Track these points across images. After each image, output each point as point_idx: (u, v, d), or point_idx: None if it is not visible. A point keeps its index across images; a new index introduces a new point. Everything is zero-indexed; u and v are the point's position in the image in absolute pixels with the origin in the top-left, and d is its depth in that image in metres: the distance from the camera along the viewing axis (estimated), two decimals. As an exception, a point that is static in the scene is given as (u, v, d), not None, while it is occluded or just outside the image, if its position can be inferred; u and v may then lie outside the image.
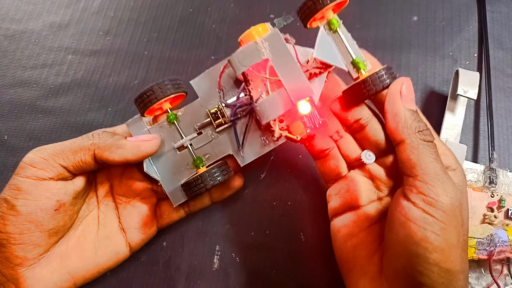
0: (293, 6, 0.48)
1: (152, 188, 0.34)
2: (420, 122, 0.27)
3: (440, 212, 0.24)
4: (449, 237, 0.24)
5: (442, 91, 0.44)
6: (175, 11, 0.47)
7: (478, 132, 0.42)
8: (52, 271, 0.30)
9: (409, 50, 0.46)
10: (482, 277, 0.35)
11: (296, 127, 0.29)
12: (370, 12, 0.48)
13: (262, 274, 0.36)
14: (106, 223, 0.33)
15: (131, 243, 0.33)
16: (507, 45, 0.46)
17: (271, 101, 0.28)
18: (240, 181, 0.35)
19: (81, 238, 0.32)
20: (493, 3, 0.48)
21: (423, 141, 0.27)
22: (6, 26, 0.45)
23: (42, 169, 0.29)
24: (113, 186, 0.34)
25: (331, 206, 0.33)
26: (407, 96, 0.28)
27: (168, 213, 0.34)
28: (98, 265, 0.32)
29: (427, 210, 0.25)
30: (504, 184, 0.38)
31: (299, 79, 0.27)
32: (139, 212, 0.33)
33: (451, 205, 0.25)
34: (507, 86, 0.44)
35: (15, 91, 0.43)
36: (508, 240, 0.33)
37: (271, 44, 0.28)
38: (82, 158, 0.30)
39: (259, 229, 0.38)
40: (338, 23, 0.30)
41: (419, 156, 0.26)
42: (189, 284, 0.36)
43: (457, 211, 0.25)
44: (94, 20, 0.46)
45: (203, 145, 0.33)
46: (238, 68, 0.29)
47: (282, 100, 0.28)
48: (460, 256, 0.25)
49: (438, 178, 0.25)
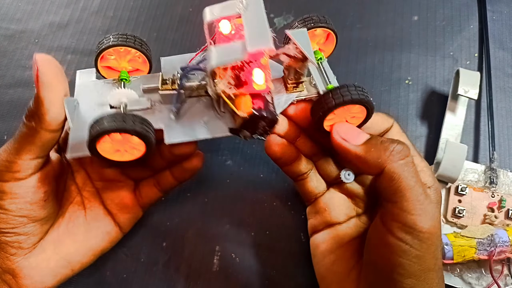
0: (293, 6, 0.48)
1: (123, 172, 0.34)
2: (385, 144, 0.26)
3: (416, 241, 0.24)
4: (424, 263, 0.24)
5: (443, 91, 0.44)
6: (174, 11, 0.47)
7: (479, 132, 0.42)
8: (48, 259, 0.30)
9: (409, 50, 0.46)
10: (483, 277, 0.35)
11: (242, 101, 0.26)
12: (370, 12, 0.48)
13: (262, 275, 0.36)
14: (91, 206, 0.33)
15: (120, 223, 0.33)
16: (507, 45, 0.46)
17: (224, 48, 0.26)
18: (197, 161, 0.32)
19: (70, 223, 0.32)
20: (493, 3, 0.48)
21: (398, 161, 0.25)
22: (6, 26, 0.45)
23: (18, 171, 0.28)
24: (89, 173, 0.34)
25: (310, 224, 0.34)
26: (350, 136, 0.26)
27: (146, 193, 0.34)
28: (91, 248, 0.32)
29: (402, 238, 0.24)
30: (505, 184, 0.38)
31: (262, 29, 0.25)
32: (118, 194, 0.33)
33: (428, 233, 0.24)
34: (507, 86, 0.44)
35: (15, 91, 0.43)
36: (509, 240, 0.33)
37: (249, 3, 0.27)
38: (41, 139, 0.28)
39: (259, 229, 0.38)
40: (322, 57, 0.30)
41: (400, 183, 0.24)
42: (189, 284, 0.35)
43: (434, 237, 0.24)
44: (94, 20, 0.46)
45: (139, 109, 0.29)
46: (210, 16, 0.27)
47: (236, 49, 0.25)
48: (437, 277, 0.25)
49: (418, 204, 0.24)
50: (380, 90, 0.44)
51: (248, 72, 0.26)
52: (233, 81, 0.26)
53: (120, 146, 0.27)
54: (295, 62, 0.28)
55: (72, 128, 0.28)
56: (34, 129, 0.27)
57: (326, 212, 0.32)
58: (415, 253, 0.24)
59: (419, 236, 0.24)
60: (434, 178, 0.28)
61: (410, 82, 0.44)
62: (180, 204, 0.38)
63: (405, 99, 0.43)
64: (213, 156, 0.40)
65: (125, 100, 0.29)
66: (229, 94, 0.26)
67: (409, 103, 0.43)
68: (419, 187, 0.25)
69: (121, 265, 0.36)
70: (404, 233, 0.24)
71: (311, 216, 0.34)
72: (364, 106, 0.27)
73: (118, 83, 0.30)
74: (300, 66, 0.28)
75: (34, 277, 0.30)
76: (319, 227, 0.33)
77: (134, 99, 0.29)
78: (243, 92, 0.26)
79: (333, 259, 0.31)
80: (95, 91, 0.30)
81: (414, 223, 0.24)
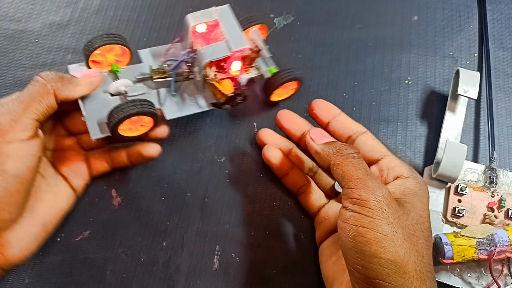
0: (293, 6, 0.48)
1: (78, 142, 0.37)
2: (335, 144, 0.31)
3: (366, 208, 0.27)
4: (380, 230, 0.26)
5: (443, 91, 0.44)
6: (175, 11, 0.47)
7: (479, 132, 0.42)
8: (29, 225, 0.32)
9: (409, 50, 0.46)
10: (482, 277, 0.35)
11: (226, 84, 0.35)
12: (370, 12, 0.48)
13: (262, 274, 0.36)
14: (49, 173, 0.35)
15: (74, 187, 0.36)
16: (507, 45, 0.46)
17: (214, 47, 0.34)
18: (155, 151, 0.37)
19: (37, 189, 0.33)
20: (493, 3, 0.48)
21: (342, 155, 0.29)
22: (6, 26, 0.45)
23: (22, 131, 0.29)
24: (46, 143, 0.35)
25: (317, 235, 0.37)
26: (316, 137, 0.32)
27: (95, 164, 0.37)
28: (59, 210, 0.34)
29: (354, 209, 0.27)
30: (505, 184, 0.38)
31: (239, 35, 0.35)
32: (72, 161, 0.36)
33: (374, 201, 0.27)
34: (507, 86, 0.44)
35: (15, 91, 0.42)
36: (509, 240, 0.33)
37: (222, 12, 0.36)
38: (48, 103, 0.30)
39: (259, 229, 0.38)
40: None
41: (342, 170, 0.29)
42: (189, 284, 0.35)
43: (383, 205, 0.27)
44: (94, 20, 0.46)
45: (136, 95, 0.35)
46: (193, 21, 0.35)
47: (223, 48, 0.34)
48: (401, 246, 0.26)
49: (360, 181, 0.28)
50: (380, 90, 0.44)
51: (229, 63, 0.35)
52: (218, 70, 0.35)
53: (133, 125, 0.34)
54: (253, 53, 0.38)
55: (87, 116, 0.34)
56: (48, 90, 0.30)
57: (327, 220, 0.36)
58: (367, 220, 0.26)
59: (366, 204, 0.27)
60: (412, 170, 0.31)
61: (410, 82, 0.44)
62: (180, 204, 0.38)
63: (405, 99, 0.43)
64: (212, 156, 0.40)
65: (124, 88, 0.35)
66: (217, 79, 0.35)
67: (409, 103, 0.43)
68: (360, 169, 0.28)
69: (121, 264, 0.36)
70: (355, 204, 0.27)
71: (317, 227, 0.37)
72: (297, 80, 0.39)
73: (111, 74, 0.36)
74: (254, 56, 0.38)
75: (21, 245, 0.31)
76: (323, 236, 0.36)
77: (131, 87, 0.35)
78: (226, 77, 0.35)
79: (334, 260, 0.33)
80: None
81: (359, 194, 0.27)
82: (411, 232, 0.27)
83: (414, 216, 0.28)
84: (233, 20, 0.35)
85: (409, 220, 0.28)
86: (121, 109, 0.31)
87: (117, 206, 0.38)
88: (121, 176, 0.39)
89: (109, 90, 0.35)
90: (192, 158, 0.40)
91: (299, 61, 0.45)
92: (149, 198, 0.38)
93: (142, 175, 0.39)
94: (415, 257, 0.26)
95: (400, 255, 0.26)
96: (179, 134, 0.41)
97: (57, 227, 0.34)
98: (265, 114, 0.42)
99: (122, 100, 0.35)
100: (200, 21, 0.35)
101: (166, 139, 0.40)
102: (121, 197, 0.38)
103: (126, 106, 0.31)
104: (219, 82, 0.35)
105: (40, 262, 0.36)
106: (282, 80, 0.38)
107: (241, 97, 0.37)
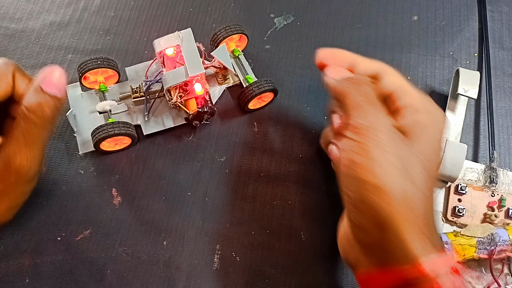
0: (293, 6, 0.48)
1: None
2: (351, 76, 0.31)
3: (360, 135, 0.27)
4: (370, 155, 0.26)
5: (443, 91, 0.44)
6: (175, 11, 0.47)
7: (479, 132, 0.42)
8: None
9: (409, 50, 0.46)
10: (483, 276, 0.35)
11: (190, 103, 0.38)
12: (370, 12, 0.48)
13: (263, 274, 0.36)
14: None
15: None
16: (507, 45, 0.46)
17: (174, 72, 0.37)
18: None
19: None
20: (493, 3, 0.48)
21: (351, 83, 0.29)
22: (6, 25, 0.45)
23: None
24: None
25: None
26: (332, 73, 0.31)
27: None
28: None
29: (350, 136, 0.28)
30: (505, 183, 0.38)
31: (196, 60, 0.37)
32: None
33: (371, 128, 0.27)
34: (507, 86, 0.44)
35: (15, 90, 0.43)
36: (509, 239, 0.33)
37: (184, 37, 0.39)
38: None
39: (260, 229, 0.38)
40: (239, 52, 0.43)
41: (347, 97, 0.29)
42: (189, 283, 0.35)
43: (380, 134, 0.27)
44: (94, 20, 0.46)
45: (120, 112, 0.40)
46: (158, 47, 0.39)
47: (181, 74, 0.37)
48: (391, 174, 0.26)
49: (360, 109, 0.28)
50: (380, 89, 0.44)
51: (191, 84, 0.38)
52: (182, 92, 0.38)
53: (114, 142, 0.39)
54: (221, 70, 0.42)
55: (77, 132, 0.39)
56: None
57: None
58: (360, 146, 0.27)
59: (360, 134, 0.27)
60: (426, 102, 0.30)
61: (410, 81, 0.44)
62: (180, 203, 0.38)
63: (405, 98, 0.43)
64: (213, 155, 0.40)
65: (109, 107, 0.40)
66: (181, 100, 0.38)
67: (409, 103, 0.43)
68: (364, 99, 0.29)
69: (121, 264, 0.36)
70: (349, 131, 0.28)
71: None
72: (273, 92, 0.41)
73: (99, 93, 0.41)
74: (224, 72, 0.42)
75: None
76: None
77: (115, 106, 0.40)
78: (189, 97, 0.38)
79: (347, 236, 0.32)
80: (84, 102, 0.41)
81: (355, 122, 0.28)
82: (410, 163, 0.27)
83: (418, 149, 0.28)
84: (193, 44, 0.38)
85: (410, 152, 0.27)
86: (101, 130, 0.36)
87: (118, 206, 0.38)
88: (121, 176, 0.39)
89: (97, 109, 0.40)
90: (192, 157, 0.40)
91: (299, 61, 0.45)
92: (150, 197, 0.38)
93: (143, 175, 0.39)
94: (408, 187, 0.26)
95: (388, 182, 0.26)
96: (179, 134, 0.41)
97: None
98: (265, 113, 0.42)
99: (106, 118, 0.40)
100: (164, 47, 0.38)
101: (166, 139, 0.40)
102: (122, 196, 0.38)
103: (106, 127, 0.36)
104: (186, 101, 0.38)
105: (40, 262, 0.36)
106: (255, 92, 0.39)
107: (208, 114, 0.39)
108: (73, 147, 0.39)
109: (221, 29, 0.42)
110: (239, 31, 0.42)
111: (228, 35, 0.41)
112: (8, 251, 0.36)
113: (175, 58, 0.39)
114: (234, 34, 0.42)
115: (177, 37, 0.38)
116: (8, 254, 0.36)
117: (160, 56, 0.39)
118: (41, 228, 0.37)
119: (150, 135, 0.40)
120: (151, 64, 0.41)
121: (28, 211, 0.37)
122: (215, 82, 0.42)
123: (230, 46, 0.43)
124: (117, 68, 0.41)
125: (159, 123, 0.40)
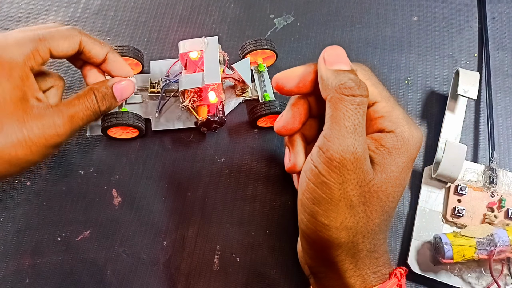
0: (293, 6, 0.48)
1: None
2: (343, 77, 0.26)
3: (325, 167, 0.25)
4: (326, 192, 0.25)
5: (442, 91, 0.44)
6: (175, 11, 0.47)
7: (478, 132, 0.42)
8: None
9: (409, 50, 0.46)
10: (482, 277, 0.35)
11: (201, 110, 0.39)
12: (370, 12, 0.48)
13: (263, 274, 0.36)
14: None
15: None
16: (507, 45, 0.46)
17: (191, 77, 0.38)
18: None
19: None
20: (493, 3, 0.48)
21: (341, 94, 0.25)
22: (6, 26, 0.45)
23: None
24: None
25: None
26: (329, 60, 0.27)
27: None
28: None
29: (316, 162, 0.26)
30: (504, 184, 0.38)
31: (214, 69, 0.38)
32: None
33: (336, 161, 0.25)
34: (507, 86, 0.44)
35: (15, 90, 0.43)
36: (508, 240, 0.33)
37: (209, 44, 0.39)
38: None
39: (260, 229, 0.38)
40: (264, 68, 0.42)
41: (333, 111, 0.25)
42: (189, 283, 0.36)
43: (347, 165, 0.25)
44: (94, 20, 0.46)
45: (134, 103, 0.41)
46: (183, 49, 0.39)
47: (197, 80, 0.38)
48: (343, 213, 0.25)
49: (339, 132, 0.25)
50: (380, 90, 0.44)
51: (206, 92, 0.38)
52: (196, 96, 0.38)
53: (122, 130, 0.39)
54: (239, 83, 0.41)
55: None
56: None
57: None
58: (320, 179, 0.25)
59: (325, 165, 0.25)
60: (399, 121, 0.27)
61: (409, 82, 0.44)
62: (180, 204, 0.38)
63: (404, 99, 0.44)
64: (213, 156, 0.40)
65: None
66: (193, 105, 0.38)
67: (409, 103, 0.43)
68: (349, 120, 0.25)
69: (121, 264, 0.36)
70: (317, 155, 0.26)
71: None
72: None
73: None
74: (243, 85, 0.41)
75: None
76: None
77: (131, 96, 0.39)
78: (202, 104, 0.38)
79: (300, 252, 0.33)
80: None
81: (326, 149, 0.25)
82: (367, 198, 0.26)
83: (379, 180, 0.26)
84: (215, 53, 0.39)
85: (370, 185, 0.26)
86: (113, 117, 0.37)
87: (118, 206, 0.38)
88: (122, 176, 0.39)
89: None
90: (192, 158, 0.40)
91: (299, 61, 0.45)
92: (150, 197, 0.38)
93: (143, 175, 0.39)
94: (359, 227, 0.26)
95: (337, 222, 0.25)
96: (180, 135, 0.41)
97: None
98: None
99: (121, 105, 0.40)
100: (188, 49, 0.39)
101: (166, 140, 0.40)
102: (122, 197, 0.38)
103: (119, 115, 0.37)
104: (197, 107, 0.39)
105: (40, 262, 0.36)
106: (265, 111, 0.38)
107: (216, 124, 0.39)
108: (74, 147, 0.39)
109: (251, 41, 0.41)
110: (267, 47, 0.41)
111: (256, 49, 0.41)
112: (8, 251, 0.36)
113: (197, 63, 0.39)
114: (262, 49, 0.41)
115: (202, 43, 0.39)
116: (8, 254, 0.36)
117: (183, 58, 0.40)
118: (41, 228, 0.37)
119: (154, 133, 0.40)
120: (174, 63, 0.42)
121: (28, 211, 0.37)
122: (233, 93, 0.42)
123: (257, 60, 0.42)
124: (143, 60, 0.42)
125: (169, 122, 0.40)
